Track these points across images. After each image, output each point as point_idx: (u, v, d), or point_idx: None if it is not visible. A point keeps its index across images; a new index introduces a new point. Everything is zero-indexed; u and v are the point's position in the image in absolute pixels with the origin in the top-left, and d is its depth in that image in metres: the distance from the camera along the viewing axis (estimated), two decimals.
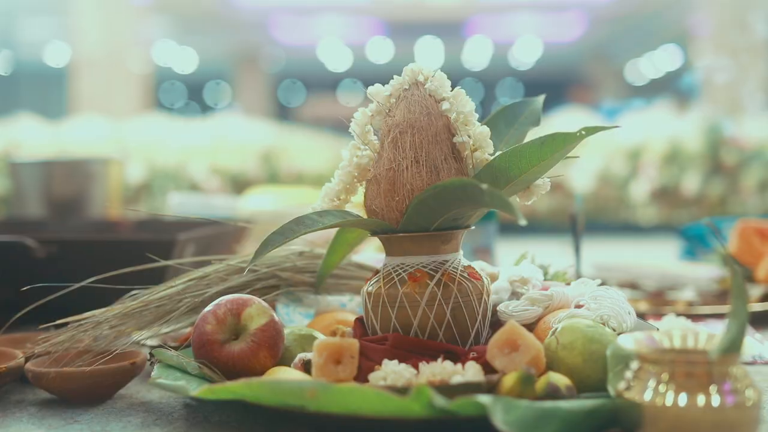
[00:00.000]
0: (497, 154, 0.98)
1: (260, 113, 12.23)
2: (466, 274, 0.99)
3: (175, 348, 1.04)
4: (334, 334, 0.96)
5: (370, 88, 1.02)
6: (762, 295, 1.59)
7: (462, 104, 0.99)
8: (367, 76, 17.34)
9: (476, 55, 15.29)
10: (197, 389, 0.87)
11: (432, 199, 0.91)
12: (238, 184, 3.77)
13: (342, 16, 13.04)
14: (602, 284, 1.06)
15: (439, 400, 0.78)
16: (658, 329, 0.97)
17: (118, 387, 1.03)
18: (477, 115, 1.00)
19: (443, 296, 0.96)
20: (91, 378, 0.99)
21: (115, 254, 1.36)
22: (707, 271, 1.69)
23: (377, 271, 1.01)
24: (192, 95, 18.43)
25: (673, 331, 0.83)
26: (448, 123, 0.99)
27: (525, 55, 14.93)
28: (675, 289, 1.66)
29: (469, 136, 0.98)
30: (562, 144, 0.94)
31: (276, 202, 2.09)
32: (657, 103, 6.09)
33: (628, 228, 3.89)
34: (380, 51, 14.91)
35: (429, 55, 15.20)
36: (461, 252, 1.02)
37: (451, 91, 1.00)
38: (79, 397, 1.01)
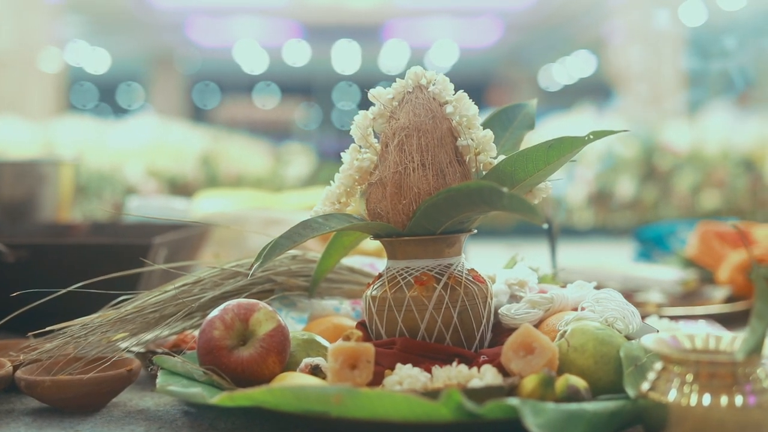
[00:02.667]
0: (500, 157, 0.99)
1: (175, 115, 12.06)
2: (470, 278, 0.99)
3: (170, 354, 1.01)
4: (347, 338, 0.95)
5: (373, 90, 1.01)
6: (725, 297, 1.63)
7: (465, 107, 0.99)
8: (284, 78, 17.27)
9: (393, 59, 15.34)
10: (215, 397, 0.85)
11: (444, 203, 0.90)
12: (176, 187, 3.71)
13: (258, 18, 12.95)
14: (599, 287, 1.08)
15: (470, 404, 0.77)
16: (658, 331, 0.99)
17: (113, 395, 1.01)
18: (480, 119, 1.01)
19: (450, 300, 0.96)
20: (87, 386, 0.96)
21: (89, 259, 1.33)
22: (669, 273, 1.72)
23: (380, 275, 1.01)
24: (103, 97, 18.07)
25: (695, 332, 0.84)
26: (451, 126, 0.99)
27: (441, 60, 15.03)
28: (639, 291, 1.68)
29: (472, 140, 0.98)
30: (569, 148, 0.95)
31: (231, 205, 2.06)
32: (576, 108, 6.20)
33: (566, 231, 3.95)
34: (297, 54, 14.85)
35: (346, 59, 15.19)
36: (464, 255, 1.02)
37: (454, 94, 1.00)
38: (74, 406, 0.98)
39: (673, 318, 1.39)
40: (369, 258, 1.30)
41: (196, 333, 1.13)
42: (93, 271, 1.13)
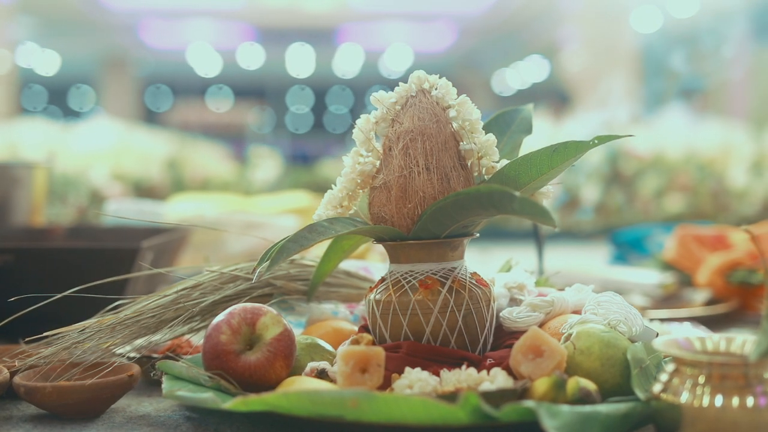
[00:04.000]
0: (503, 161, 0.99)
1: (126, 118, 11.94)
2: (474, 281, 0.99)
3: (173, 359, 1.01)
4: (356, 342, 0.94)
5: (375, 95, 1.01)
6: (706, 299, 1.65)
7: (468, 112, 1.00)
8: (237, 81, 17.18)
9: (347, 63, 15.35)
10: (229, 402, 0.84)
11: (452, 207, 0.91)
12: (142, 191, 3.67)
13: (212, 20, 12.88)
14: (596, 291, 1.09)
15: (487, 407, 0.78)
16: (658, 333, 1.00)
17: (113, 401, 0.99)
18: (482, 123, 1.01)
19: (455, 303, 0.96)
20: (89, 392, 0.95)
21: (77, 263, 1.31)
22: (649, 276, 1.74)
23: (383, 279, 1.01)
24: (53, 99, 17.83)
25: (705, 335, 0.85)
26: (453, 130, 1.00)
27: (395, 64, 15.06)
28: (620, 294, 1.69)
29: (474, 144, 0.99)
30: (573, 152, 0.96)
31: (208, 209, 2.05)
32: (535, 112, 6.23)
33: (531, 235, 3.96)
34: (250, 57, 14.79)
35: (300, 62, 15.16)
36: (465, 259, 1.02)
37: (456, 98, 1.01)
38: (74, 412, 0.97)
39: (660, 321, 1.40)
40: (362, 261, 1.30)
41: (193, 338, 1.12)
42: (81, 275, 1.12)
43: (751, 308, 1.64)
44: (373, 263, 1.30)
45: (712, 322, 1.49)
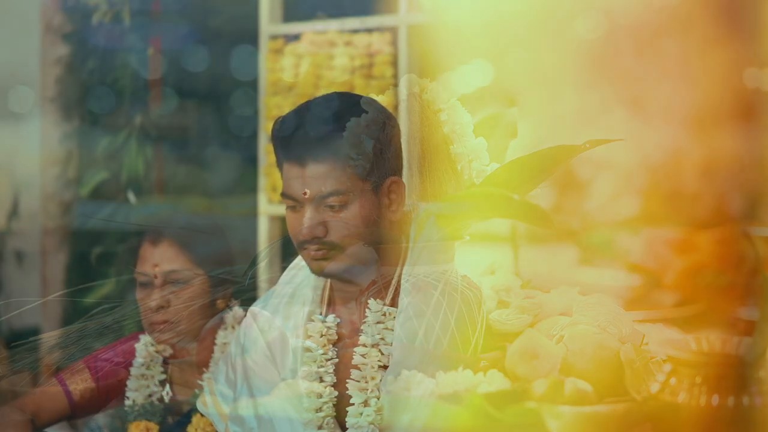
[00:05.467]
0: (493, 165, 1.00)
1: (69, 119, 11.69)
2: (465, 283, 1.00)
3: None
4: None
5: (366, 98, 1.01)
6: (674, 301, 1.66)
7: (459, 116, 1.00)
8: (182, 83, 17.07)
9: (292, 66, 15.28)
10: None
11: (447, 209, 0.91)
12: (98, 194, 3.60)
13: (159, 21, 12.75)
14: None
15: (491, 408, 0.78)
16: (644, 334, 1.01)
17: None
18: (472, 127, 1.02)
19: (448, 305, 0.96)
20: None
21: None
22: (617, 278, 1.75)
23: (374, 282, 1.00)
24: None
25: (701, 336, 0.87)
26: (444, 134, 1.00)
27: (342, 66, 15.05)
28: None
29: (465, 148, 0.99)
30: (565, 156, 0.97)
31: (175, 211, 2.02)
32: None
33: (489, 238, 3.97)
34: (197, 59, 14.67)
35: (248, 65, 15.06)
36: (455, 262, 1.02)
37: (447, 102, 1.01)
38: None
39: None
40: None
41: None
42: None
43: (720, 309, 1.65)
44: (361, 266, 1.29)
45: (682, 324, 1.51)
